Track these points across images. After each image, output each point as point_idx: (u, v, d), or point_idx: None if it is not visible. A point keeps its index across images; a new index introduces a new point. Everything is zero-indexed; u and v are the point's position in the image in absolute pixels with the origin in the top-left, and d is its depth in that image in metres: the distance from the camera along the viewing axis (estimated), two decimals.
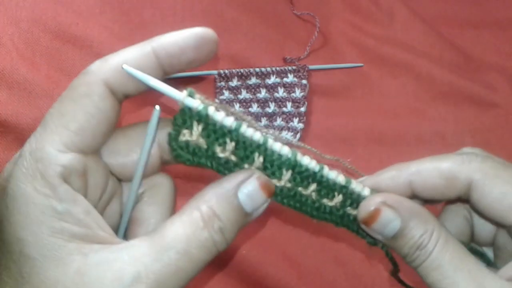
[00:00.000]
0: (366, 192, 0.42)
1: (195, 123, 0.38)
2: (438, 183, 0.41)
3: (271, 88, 0.75)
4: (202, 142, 0.39)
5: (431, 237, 0.39)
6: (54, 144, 0.36)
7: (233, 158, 0.39)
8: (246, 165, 0.40)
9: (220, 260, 0.65)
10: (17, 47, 0.66)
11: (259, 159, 0.39)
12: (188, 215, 0.37)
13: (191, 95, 0.39)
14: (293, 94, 0.75)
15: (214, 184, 0.39)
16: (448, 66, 0.82)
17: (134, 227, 0.42)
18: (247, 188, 0.38)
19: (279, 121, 0.75)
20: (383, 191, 0.42)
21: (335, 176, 0.41)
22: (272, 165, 0.40)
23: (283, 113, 0.75)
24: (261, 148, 0.39)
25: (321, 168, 0.41)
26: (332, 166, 0.42)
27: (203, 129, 0.39)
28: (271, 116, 0.75)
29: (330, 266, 0.68)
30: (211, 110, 0.38)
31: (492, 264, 0.47)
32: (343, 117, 0.77)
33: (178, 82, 0.72)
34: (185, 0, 0.77)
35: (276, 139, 0.40)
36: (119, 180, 0.43)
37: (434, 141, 0.77)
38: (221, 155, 0.39)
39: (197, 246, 0.36)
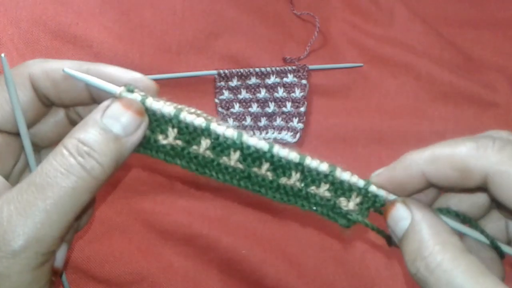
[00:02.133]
0: (323, 167, 0.41)
1: None
2: (451, 175, 0.38)
3: (271, 88, 0.75)
4: (147, 133, 0.41)
5: (440, 246, 0.35)
6: None
7: (178, 143, 0.41)
8: (194, 148, 0.41)
9: (220, 260, 0.65)
10: (17, 47, 0.66)
11: (205, 142, 0.40)
12: (54, 154, 0.38)
13: (129, 90, 0.40)
14: (293, 94, 0.75)
15: (86, 118, 0.40)
16: (448, 66, 0.82)
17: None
18: (111, 110, 0.39)
19: (279, 121, 0.75)
20: (398, 184, 0.40)
21: (287, 153, 0.41)
22: (220, 146, 0.41)
23: (283, 113, 0.75)
24: (205, 132, 0.40)
25: (271, 147, 0.41)
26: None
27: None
28: (271, 116, 0.75)
29: (330, 266, 0.68)
30: (149, 100, 0.40)
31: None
32: (343, 117, 0.77)
33: (177, 83, 0.72)
34: (185, 0, 0.77)
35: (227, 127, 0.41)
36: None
37: (434, 141, 0.76)
38: (164, 142, 0.41)
39: (62, 174, 0.36)
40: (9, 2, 0.68)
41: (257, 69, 0.75)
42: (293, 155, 0.41)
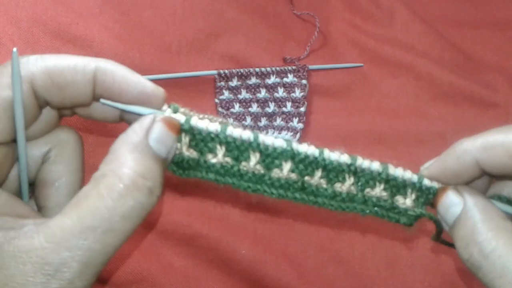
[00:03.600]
0: (376, 166, 0.40)
1: (182, 135, 0.38)
2: (507, 163, 0.37)
3: (271, 88, 0.75)
4: (193, 153, 0.39)
5: (493, 232, 0.34)
6: None
7: (228, 160, 0.39)
8: (243, 165, 0.39)
9: (220, 260, 0.65)
10: (17, 47, 0.66)
11: (255, 156, 0.39)
12: (105, 185, 0.34)
13: (174, 111, 0.39)
14: (293, 94, 0.75)
15: (121, 141, 0.36)
16: (448, 66, 0.82)
17: (46, 188, 0.40)
18: (156, 132, 0.36)
19: (279, 121, 0.75)
20: (451, 175, 0.39)
21: (338, 156, 0.40)
22: (270, 158, 0.39)
23: (283, 113, 0.75)
24: (253, 144, 0.39)
25: (321, 152, 0.40)
26: None
27: (191, 140, 0.39)
28: (271, 116, 0.75)
29: (330, 266, 0.68)
30: (194, 120, 0.38)
31: None
32: (343, 117, 0.77)
33: (177, 83, 0.72)
34: (185, 0, 0.77)
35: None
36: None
37: (434, 141, 0.77)
38: (213, 160, 0.39)
39: (121, 218, 0.34)
40: (9, 2, 0.68)
41: (257, 69, 0.75)
42: (344, 157, 0.40)
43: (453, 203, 0.38)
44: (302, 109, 0.74)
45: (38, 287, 0.32)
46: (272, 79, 0.75)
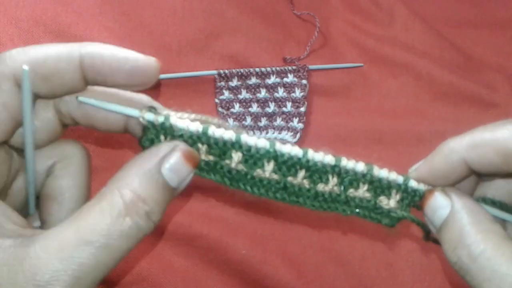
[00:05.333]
0: (360, 167, 0.40)
1: (161, 138, 0.38)
2: (495, 159, 0.36)
3: (271, 88, 0.75)
4: None
5: (482, 235, 0.34)
6: None
7: (210, 158, 0.39)
8: (226, 162, 0.39)
9: (220, 260, 0.65)
10: (17, 47, 0.66)
11: (237, 155, 0.39)
12: (108, 201, 0.34)
13: (150, 111, 0.38)
14: (293, 94, 0.75)
15: (134, 161, 0.36)
16: (448, 66, 0.82)
17: (49, 203, 0.40)
18: (171, 162, 0.36)
19: (279, 121, 0.75)
20: (439, 176, 0.39)
21: (322, 157, 0.39)
22: (252, 159, 0.39)
23: (283, 113, 0.75)
24: (235, 144, 0.38)
25: (305, 153, 0.39)
26: None
27: (174, 139, 0.38)
28: (271, 116, 0.75)
29: (330, 266, 0.68)
30: (173, 119, 0.38)
31: None
32: (343, 117, 0.77)
33: (177, 83, 0.72)
34: (185, 0, 0.77)
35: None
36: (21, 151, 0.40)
37: (434, 141, 0.76)
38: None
39: (119, 236, 0.33)
40: (9, 2, 0.68)
41: (257, 69, 0.75)
42: (328, 158, 0.39)
43: (440, 206, 0.37)
44: (302, 109, 0.74)
45: None
46: (272, 79, 0.75)
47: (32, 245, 0.32)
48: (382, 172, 0.41)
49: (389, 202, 0.41)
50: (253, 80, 0.75)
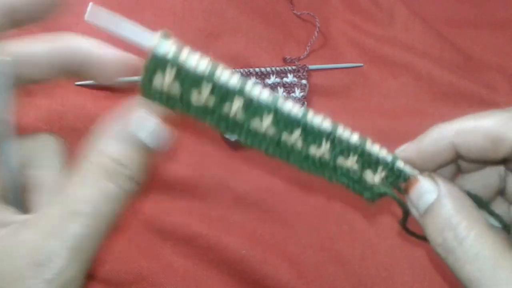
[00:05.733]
0: (354, 138, 0.40)
1: (168, 69, 0.37)
2: (483, 145, 0.37)
3: (271, 88, 0.75)
4: (176, 88, 0.37)
5: (466, 221, 0.35)
6: None
7: (210, 102, 0.38)
8: (225, 108, 0.38)
9: (220, 260, 0.65)
10: None
11: (238, 102, 0.38)
12: (87, 172, 0.34)
13: (164, 37, 0.37)
14: (293, 94, 0.75)
15: (104, 128, 0.36)
16: (448, 66, 0.82)
17: (29, 193, 0.40)
18: (149, 125, 0.36)
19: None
20: (427, 157, 0.40)
21: (320, 121, 0.39)
22: (252, 108, 0.38)
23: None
24: (239, 91, 0.38)
25: (305, 113, 0.39)
26: None
27: (176, 74, 0.37)
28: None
29: (330, 266, 0.68)
30: (185, 53, 0.37)
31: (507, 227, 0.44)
32: (343, 117, 0.77)
33: None
34: (185, 0, 0.77)
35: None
36: None
37: None
38: (195, 98, 0.38)
39: (104, 201, 0.34)
40: None
41: (256, 69, 0.75)
42: (326, 123, 0.40)
43: (427, 190, 0.38)
44: None
45: (33, 280, 0.32)
46: (272, 79, 0.75)
47: (24, 230, 0.33)
48: (374, 147, 0.41)
49: (374, 178, 0.42)
50: (253, 80, 0.75)
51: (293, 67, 0.75)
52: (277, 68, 0.75)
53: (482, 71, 0.83)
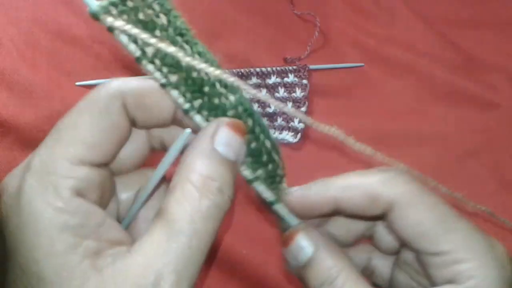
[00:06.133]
0: (267, 195, 0.43)
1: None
2: (362, 201, 0.41)
3: (272, 88, 0.75)
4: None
5: (341, 273, 0.39)
6: (68, 157, 0.35)
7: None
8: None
9: (220, 260, 0.65)
10: (18, 47, 0.66)
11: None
12: (180, 191, 0.35)
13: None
14: (293, 94, 0.75)
15: (188, 151, 0.38)
16: (449, 66, 0.82)
17: (137, 224, 0.42)
18: (221, 137, 0.37)
19: (279, 121, 0.74)
20: (309, 205, 0.43)
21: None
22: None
23: (284, 113, 0.75)
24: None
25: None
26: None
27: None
28: (271, 116, 0.75)
29: None
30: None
31: None
32: (343, 117, 0.77)
33: None
34: (185, 0, 0.77)
35: None
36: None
37: (435, 141, 0.76)
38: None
39: (201, 219, 0.35)
40: (10, 3, 0.68)
41: (257, 69, 0.75)
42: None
43: (304, 246, 0.41)
44: (303, 109, 0.74)
45: None
46: (272, 79, 0.75)
47: (130, 256, 0.34)
48: (261, 187, 0.43)
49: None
50: (254, 80, 0.75)
51: (294, 67, 0.75)
52: (278, 68, 0.75)
53: (483, 71, 0.83)
